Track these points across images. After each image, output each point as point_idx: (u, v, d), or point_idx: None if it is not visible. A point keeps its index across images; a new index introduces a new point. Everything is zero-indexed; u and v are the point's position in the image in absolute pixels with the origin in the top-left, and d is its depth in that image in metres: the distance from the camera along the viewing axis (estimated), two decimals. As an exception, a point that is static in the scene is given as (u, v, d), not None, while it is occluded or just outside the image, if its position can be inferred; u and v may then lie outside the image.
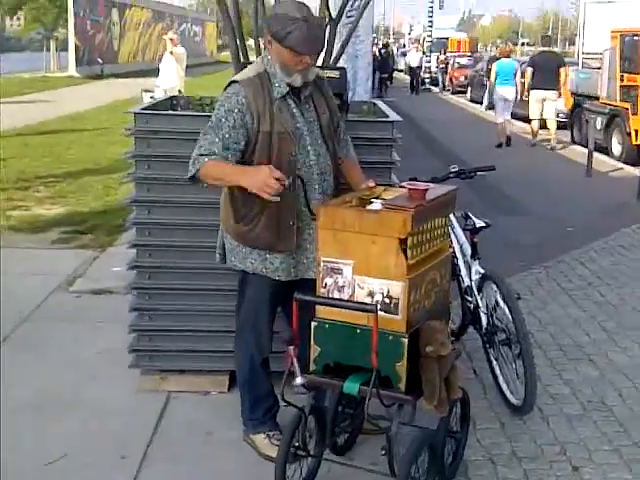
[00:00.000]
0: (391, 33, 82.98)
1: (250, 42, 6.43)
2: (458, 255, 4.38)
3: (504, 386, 4.10)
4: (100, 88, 26.42)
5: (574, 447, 3.69)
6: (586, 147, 11.96)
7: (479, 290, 4.21)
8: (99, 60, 34.37)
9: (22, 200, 8.42)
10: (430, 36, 34.25)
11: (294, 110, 3.24)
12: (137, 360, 4.08)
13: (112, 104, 20.05)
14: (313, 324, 3.00)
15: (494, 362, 4.18)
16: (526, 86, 14.47)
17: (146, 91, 10.20)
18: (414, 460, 2.93)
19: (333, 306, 2.92)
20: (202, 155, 3.11)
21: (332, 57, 4.56)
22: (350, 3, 4.76)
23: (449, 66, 29.20)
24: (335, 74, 3.97)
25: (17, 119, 15.47)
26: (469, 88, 25.60)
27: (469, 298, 4.31)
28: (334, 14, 4.69)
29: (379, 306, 2.81)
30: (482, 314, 4.16)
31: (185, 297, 3.98)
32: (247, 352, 3.48)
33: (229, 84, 3.24)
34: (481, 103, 20.54)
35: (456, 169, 4.53)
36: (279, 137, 3.17)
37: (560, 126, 16.72)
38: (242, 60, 4.35)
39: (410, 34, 61.71)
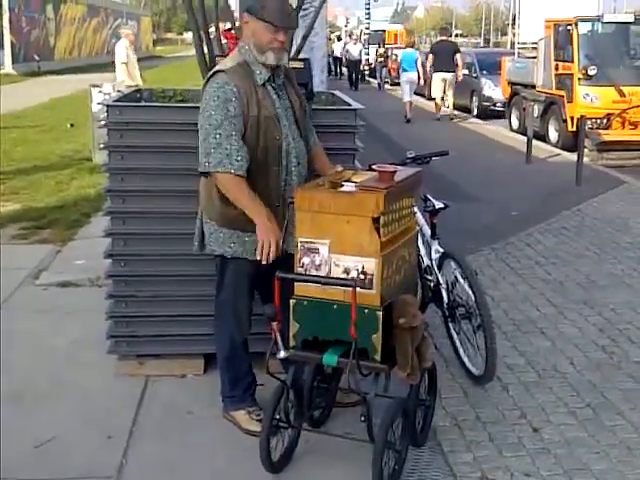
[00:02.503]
0: (327, 26, 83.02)
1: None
2: (418, 236, 4.58)
3: (465, 359, 4.33)
4: (39, 85, 25.88)
5: (533, 411, 3.95)
6: (523, 135, 12.33)
7: (439, 268, 4.43)
8: (36, 57, 33.53)
9: (-24, 197, 8.34)
10: (368, 28, 34.52)
11: (273, 96, 3.39)
12: (115, 346, 4.18)
13: (53, 101, 19.74)
14: (292, 302, 3.16)
15: (455, 336, 4.40)
16: (428, 70, 17.15)
17: (94, 86, 10.14)
18: (390, 425, 3.13)
19: (314, 282, 3.09)
20: (220, 157, 3.20)
21: (294, 49, 4.71)
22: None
23: (388, 60, 29.45)
24: (299, 64, 4.14)
25: (-43, 118, 15.18)
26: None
27: (429, 277, 4.52)
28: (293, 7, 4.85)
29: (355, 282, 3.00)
30: (443, 290, 4.37)
31: (160, 283, 4.08)
32: (227, 332, 3.60)
33: (214, 74, 3.33)
34: (423, 95, 20.85)
35: (413, 155, 4.66)
36: (265, 121, 3.32)
37: (498, 115, 17.37)
38: (205, 52, 4.47)
39: (347, 27, 61.91)
